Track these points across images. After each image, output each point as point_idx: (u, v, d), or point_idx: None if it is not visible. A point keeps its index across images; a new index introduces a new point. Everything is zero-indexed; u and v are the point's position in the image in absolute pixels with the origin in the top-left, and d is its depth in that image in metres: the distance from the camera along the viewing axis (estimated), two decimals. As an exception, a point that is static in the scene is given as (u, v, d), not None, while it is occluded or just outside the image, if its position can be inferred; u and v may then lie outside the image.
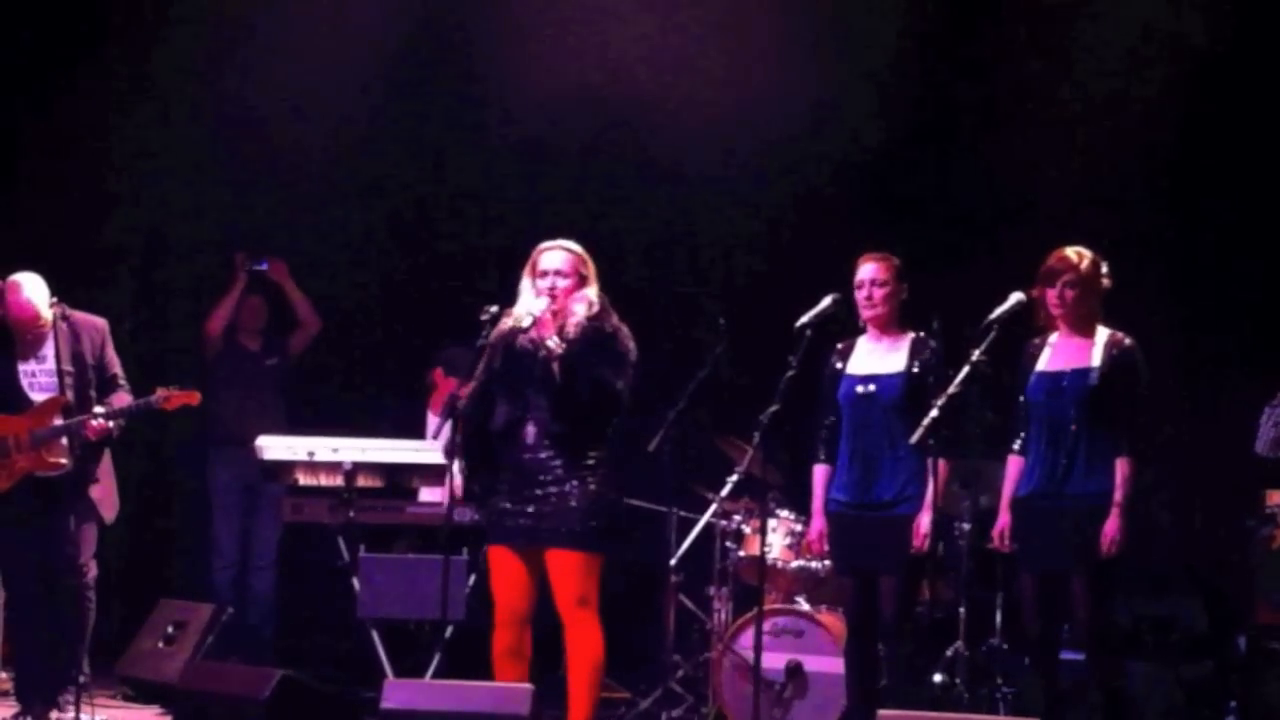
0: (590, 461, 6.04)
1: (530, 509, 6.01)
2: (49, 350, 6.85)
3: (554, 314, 6.03)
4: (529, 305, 6.04)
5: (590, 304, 6.07)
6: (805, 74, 8.66)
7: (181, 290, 9.28)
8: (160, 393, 6.92)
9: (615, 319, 6.12)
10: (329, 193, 9.21)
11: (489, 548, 6.16)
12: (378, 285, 9.37)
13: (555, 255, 6.10)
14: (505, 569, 6.10)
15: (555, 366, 5.98)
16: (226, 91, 9.04)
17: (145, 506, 8.79)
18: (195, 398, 6.99)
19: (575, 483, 6.00)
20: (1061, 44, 8.45)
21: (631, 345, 6.10)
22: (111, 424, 6.83)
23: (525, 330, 6.02)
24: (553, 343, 5.98)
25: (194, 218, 9.23)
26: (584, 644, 6.06)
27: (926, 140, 8.63)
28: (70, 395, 6.85)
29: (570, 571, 6.01)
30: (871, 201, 8.60)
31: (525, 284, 6.14)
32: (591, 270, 6.14)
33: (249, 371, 8.70)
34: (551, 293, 6.04)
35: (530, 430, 6.03)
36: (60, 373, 6.81)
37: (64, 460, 6.82)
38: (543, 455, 6.02)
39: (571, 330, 6.02)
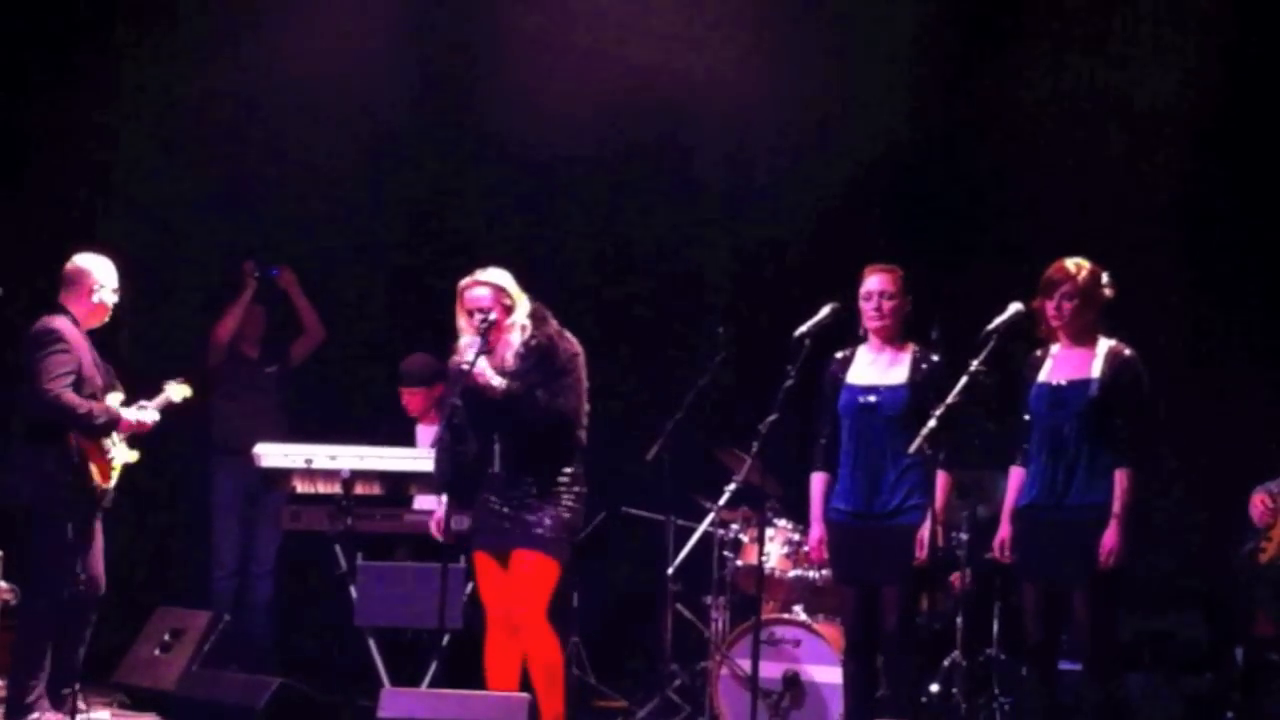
0: (563, 480, 6.28)
1: (506, 515, 6.27)
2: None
3: (490, 350, 6.24)
4: (466, 353, 6.23)
5: (523, 328, 6.29)
6: (808, 85, 8.66)
7: (182, 297, 9.26)
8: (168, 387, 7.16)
9: (552, 328, 6.34)
10: (332, 198, 9.20)
11: (474, 553, 6.41)
12: (380, 293, 9.36)
13: (477, 293, 6.30)
14: (488, 573, 6.35)
15: (504, 403, 6.19)
16: (232, 98, 9.03)
17: (144, 513, 8.77)
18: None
19: (548, 500, 6.26)
20: (1075, 48, 8.44)
21: (574, 350, 6.31)
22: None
23: (468, 374, 6.19)
24: (496, 381, 6.19)
25: (196, 225, 9.21)
26: (540, 648, 6.26)
27: (934, 147, 8.61)
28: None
29: (530, 570, 6.24)
30: (874, 210, 8.59)
31: (461, 321, 6.35)
32: (514, 294, 6.32)
33: (249, 379, 8.70)
34: (480, 331, 6.21)
35: (499, 458, 6.30)
36: (106, 369, 7.00)
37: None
38: (514, 480, 6.29)
39: (512, 361, 6.25)
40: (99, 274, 7.04)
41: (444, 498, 6.49)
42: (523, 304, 6.34)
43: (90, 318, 7.02)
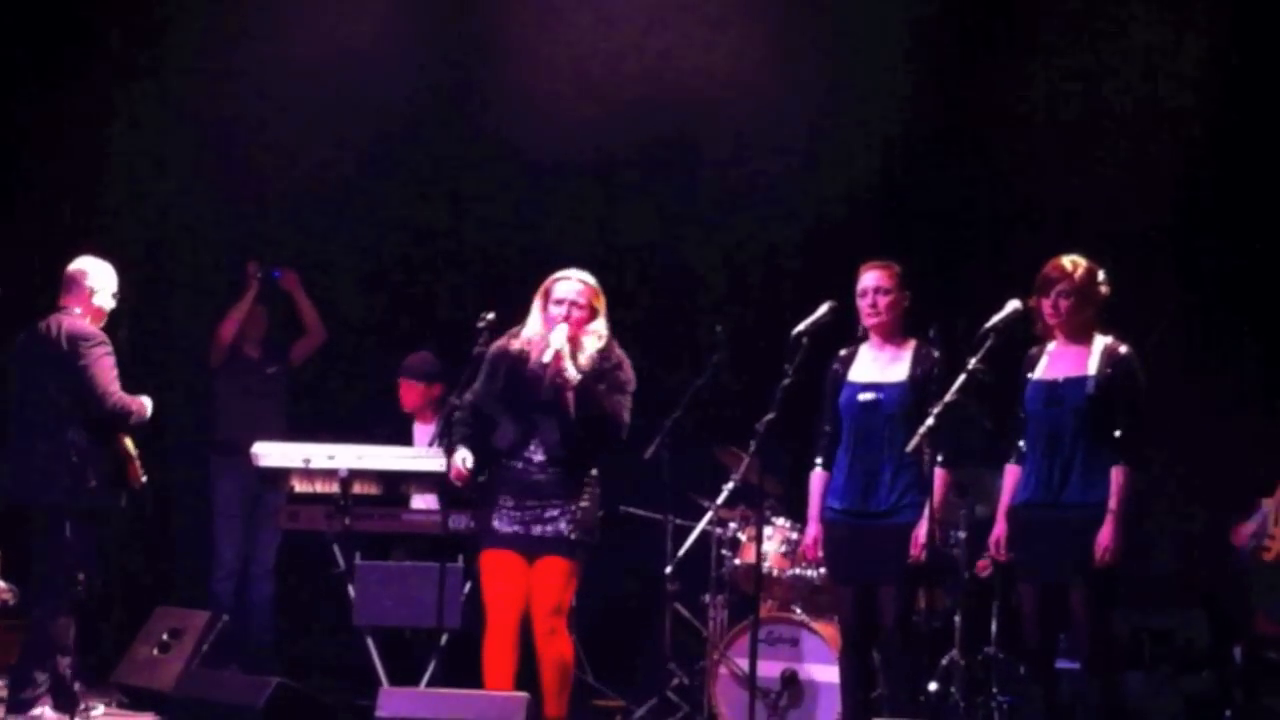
0: (587, 480, 6.33)
1: (527, 521, 6.28)
2: None
3: (569, 342, 6.25)
4: (550, 337, 6.23)
5: (600, 336, 6.33)
6: (806, 88, 8.67)
7: (182, 297, 9.26)
8: None
9: (619, 349, 6.39)
10: (332, 198, 9.19)
11: (483, 552, 6.40)
12: (381, 293, 9.35)
13: (572, 286, 6.33)
14: (499, 572, 6.35)
15: (570, 396, 6.22)
16: (231, 97, 9.02)
17: (144, 513, 8.77)
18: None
19: (571, 500, 6.28)
20: (1070, 51, 8.44)
21: (633, 376, 6.37)
22: None
23: (545, 360, 6.19)
24: (571, 373, 6.21)
25: (195, 224, 9.21)
26: (558, 648, 6.32)
27: (931, 147, 8.60)
28: None
29: (556, 578, 6.27)
30: (872, 210, 8.58)
31: (536, 308, 6.37)
32: (602, 303, 6.37)
33: (250, 379, 8.69)
34: (569, 321, 6.25)
35: (535, 451, 6.30)
36: None
37: None
38: (546, 475, 6.30)
39: (585, 362, 6.27)
40: (96, 278, 7.15)
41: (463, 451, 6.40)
42: (603, 316, 6.39)
43: (91, 320, 7.07)
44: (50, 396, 7.00)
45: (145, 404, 7.11)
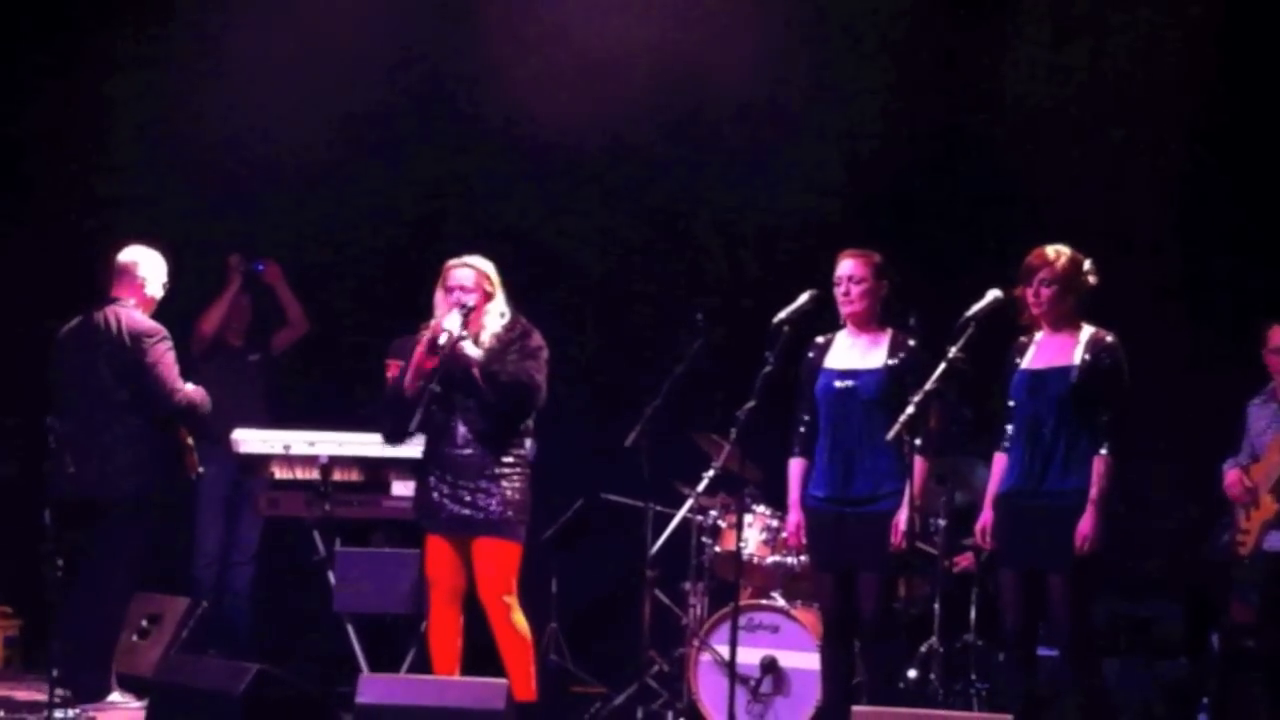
0: (511, 459, 6.54)
1: (462, 500, 6.48)
2: None
3: (466, 326, 6.47)
4: (446, 322, 6.45)
5: (501, 314, 6.60)
6: (798, 72, 8.66)
7: (173, 290, 9.24)
8: None
9: (525, 321, 6.63)
10: (322, 189, 9.17)
11: (426, 536, 6.60)
12: (369, 280, 9.33)
13: (462, 273, 6.59)
14: (440, 553, 6.56)
15: (475, 373, 6.44)
16: (223, 91, 8.99)
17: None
18: None
19: (501, 479, 6.48)
20: (1073, 42, 8.45)
21: (543, 343, 6.59)
22: None
23: (441, 347, 6.40)
24: (471, 352, 6.44)
25: (185, 218, 9.17)
26: (510, 629, 6.48)
27: (921, 137, 8.60)
28: None
29: (494, 559, 6.47)
30: (859, 198, 8.58)
31: (438, 298, 6.60)
32: (496, 283, 6.62)
33: (232, 368, 8.67)
34: (462, 306, 6.47)
35: (460, 430, 6.51)
36: None
37: None
38: (472, 451, 6.50)
39: (489, 341, 6.52)
40: (147, 267, 7.28)
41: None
42: (501, 294, 6.60)
43: (143, 311, 7.18)
44: (108, 389, 7.06)
45: (205, 395, 7.28)
